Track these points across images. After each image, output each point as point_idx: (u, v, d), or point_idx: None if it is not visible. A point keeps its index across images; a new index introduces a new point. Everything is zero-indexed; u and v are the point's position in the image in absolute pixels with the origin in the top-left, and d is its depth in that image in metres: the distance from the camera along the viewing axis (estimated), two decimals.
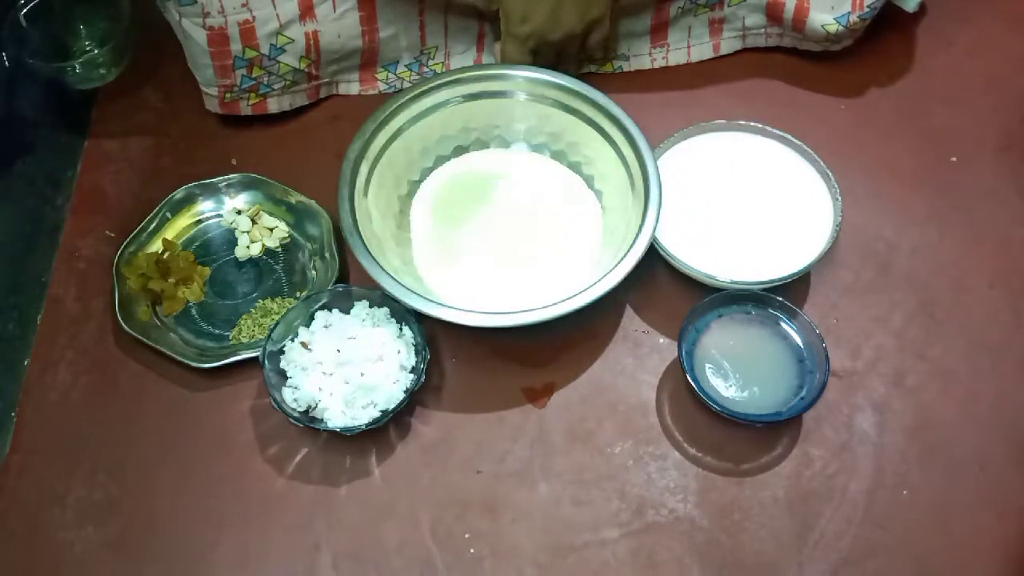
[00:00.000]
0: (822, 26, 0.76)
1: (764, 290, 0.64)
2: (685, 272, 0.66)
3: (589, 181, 0.73)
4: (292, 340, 0.64)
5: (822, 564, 0.59)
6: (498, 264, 0.70)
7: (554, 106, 0.72)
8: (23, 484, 0.63)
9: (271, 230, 0.73)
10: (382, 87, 0.80)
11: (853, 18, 0.75)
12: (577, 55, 0.76)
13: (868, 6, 0.74)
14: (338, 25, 0.73)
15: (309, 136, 0.78)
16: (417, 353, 0.64)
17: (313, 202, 0.72)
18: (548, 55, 0.73)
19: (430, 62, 0.79)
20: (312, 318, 0.65)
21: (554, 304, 0.61)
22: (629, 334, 0.68)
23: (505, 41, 0.72)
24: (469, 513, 0.61)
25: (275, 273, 0.71)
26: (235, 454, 0.64)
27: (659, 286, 0.70)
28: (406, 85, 0.80)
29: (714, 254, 0.67)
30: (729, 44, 0.81)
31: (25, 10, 0.79)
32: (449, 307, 0.62)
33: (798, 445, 0.63)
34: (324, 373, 0.62)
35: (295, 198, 0.73)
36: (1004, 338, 0.67)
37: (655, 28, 0.79)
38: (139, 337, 0.66)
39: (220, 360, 0.65)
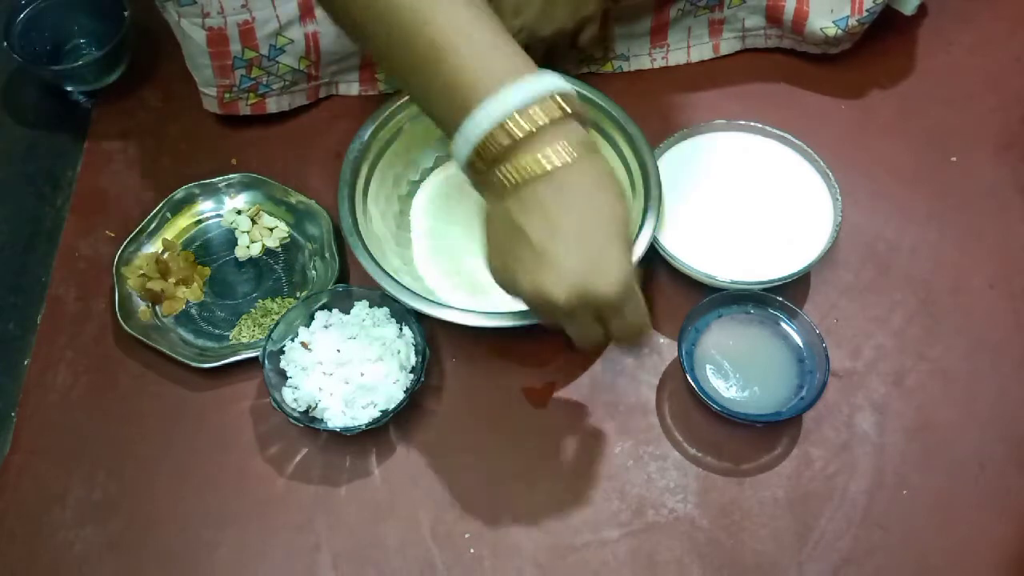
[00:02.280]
0: (821, 29, 0.76)
1: (764, 290, 0.64)
2: (685, 272, 0.66)
3: None
4: (292, 340, 0.64)
5: (822, 564, 0.59)
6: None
7: None
8: (23, 484, 0.63)
9: (271, 230, 0.73)
10: (382, 87, 0.80)
11: (852, 22, 0.75)
12: (568, 53, 0.76)
13: (867, 10, 0.74)
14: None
15: (309, 136, 0.78)
16: (417, 353, 0.64)
17: (313, 202, 0.72)
18: (538, 51, 0.72)
19: None
20: (312, 318, 0.65)
21: None
22: None
23: None
24: (469, 513, 0.61)
25: (275, 273, 0.71)
26: (235, 454, 0.64)
27: (659, 286, 0.70)
28: None
29: (714, 254, 0.67)
30: (729, 45, 0.82)
31: (26, 12, 0.79)
32: (449, 307, 0.62)
33: (798, 445, 0.63)
34: (324, 373, 0.62)
35: (295, 198, 0.73)
36: (1004, 338, 0.67)
37: (655, 29, 0.79)
38: (139, 337, 0.66)
39: (220, 360, 0.65)
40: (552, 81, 0.49)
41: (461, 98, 0.48)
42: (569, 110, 0.48)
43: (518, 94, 0.47)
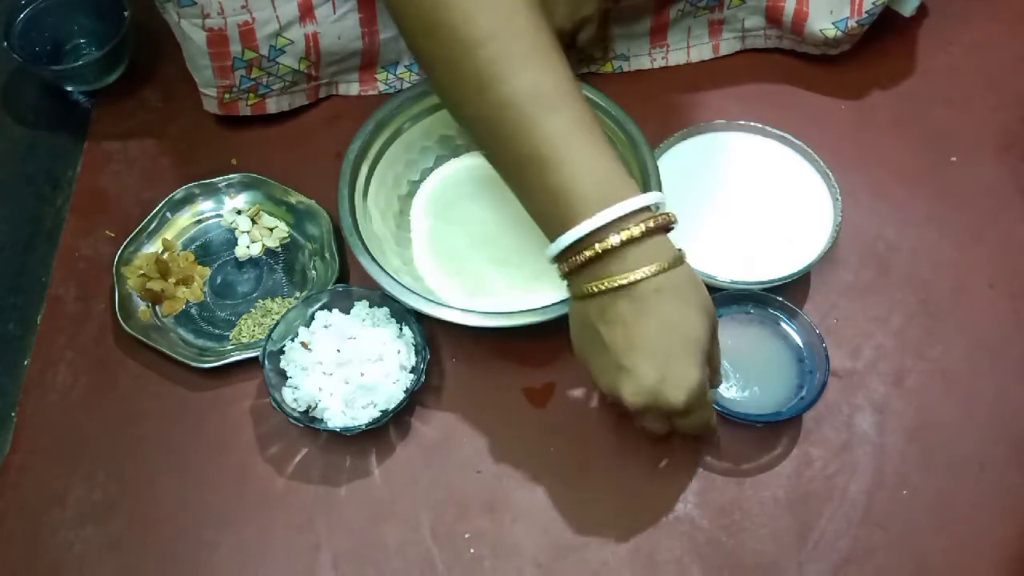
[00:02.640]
0: (820, 31, 0.76)
1: (764, 290, 0.64)
2: None
3: None
4: (292, 340, 0.64)
5: (822, 564, 0.59)
6: (498, 264, 0.70)
7: None
8: (23, 484, 0.63)
9: (271, 230, 0.73)
10: (382, 87, 0.80)
11: (851, 23, 0.75)
12: (567, 54, 0.76)
13: (866, 11, 0.74)
14: (338, 27, 0.73)
15: (309, 136, 0.79)
16: (417, 353, 0.64)
17: (313, 202, 0.72)
18: None
19: None
20: (312, 318, 0.65)
21: (554, 304, 0.61)
22: None
23: None
24: (469, 513, 0.61)
25: (275, 273, 0.72)
26: (235, 454, 0.64)
27: None
28: (406, 85, 0.80)
29: (714, 254, 0.67)
30: (729, 45, 0.82)
31: (26, 12, 0.79)
32: (449, 307, 0.62)
33: (798, 445, 0.63)
34: (324, 373, 0.62)
35: (295, 198, 0.73)
36: (1004, 338, 0.67)
37: (655, 29, 0.79)
38: (139, 337, 0.66)
39: (220, 360, 0.65)
40: (644, 200, 0.51)
41: (559, 215, 0.51)
42: (654, 225, 0.50)
43: (610, 215, 0.50)
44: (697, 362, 0.51)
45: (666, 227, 0.52)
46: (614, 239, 0.50)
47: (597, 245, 0.50)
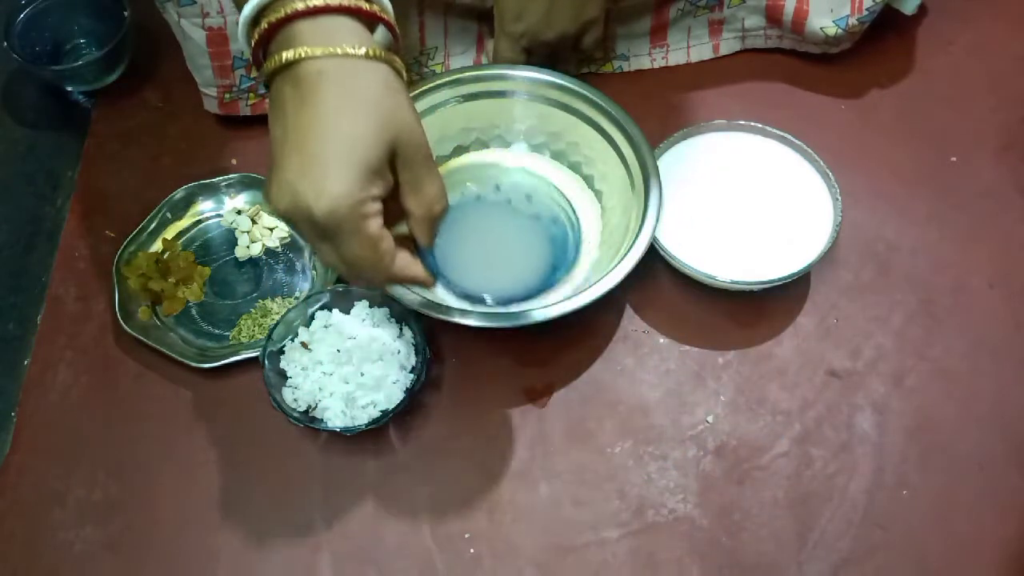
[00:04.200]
0: (821, 29, 0.76)
1: (763, 290, 0.64)
2: (685, 272, 0.66)
3: (589, 181, 0.73)
4: (292, 340, 0.64)
5: (822, 564, 0.59)
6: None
7: (554, 106, 0.72)
8: (23, 484, 0.63)
9: (271, 230, 0.73)
10: None
11: (852, 21, 0.75)
12: (571, 55, 0.76)
13: (867, 9, 0.74)
14: None
15: None
16: (417, 353, 0.64)
17: None
18: (541, 54, 0.73)
19: (430, 62, 0.79)
20: (312, 318, 0.65)
21: (554, 304, 0.61)
22: (629, 334, 0.68)
23: (498, 39, 0.72)
24: (469, 513, 0.61)
25: (275, 273, 0.72)
26: (235, 454, 0.64)
27: (659, 286, 0.70)
28: None
29: (714, 254, 0.67)
30: (728, 45, 0.82)
31: (26, 12, 0.79)
32: (449, 307, 0.62)
33: (798, 445, 0.63)
34: (324, 373, 0.62)
35: None
36: (1004, 338, 0.67)
37: (655, 29, 0.79)
38: (139, 337, 0.66)
39: (220, 360, 0.65)
40: None
41: None
42: (344, 3, 0.45)
43: None
44: (350, 169, 0.45)
45: (362, 13, 0.46)
46: (289, 7, 0.44)
47: (274, 13, 0.45)
